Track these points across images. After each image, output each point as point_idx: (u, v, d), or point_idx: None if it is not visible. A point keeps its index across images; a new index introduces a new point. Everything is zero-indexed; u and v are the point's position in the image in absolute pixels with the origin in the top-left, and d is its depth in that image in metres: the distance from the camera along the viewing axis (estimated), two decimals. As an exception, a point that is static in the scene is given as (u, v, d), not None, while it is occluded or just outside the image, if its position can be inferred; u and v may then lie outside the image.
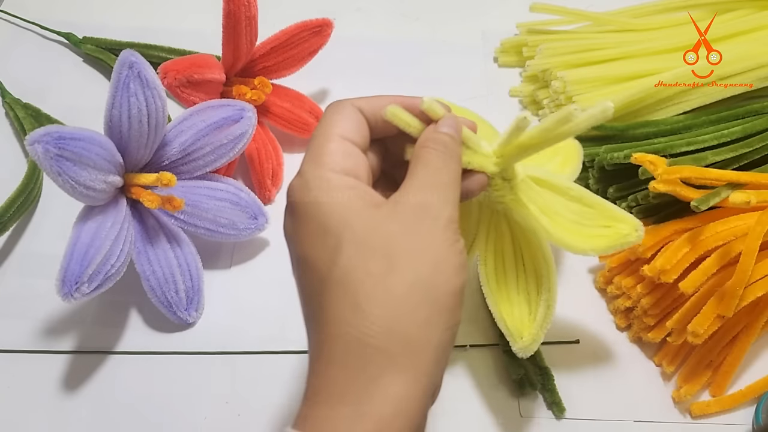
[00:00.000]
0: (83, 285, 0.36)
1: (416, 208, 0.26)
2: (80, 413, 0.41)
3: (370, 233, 0.25)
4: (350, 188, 0.27)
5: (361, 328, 0.24)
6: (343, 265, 0.25)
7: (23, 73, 0.58)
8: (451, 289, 0.25)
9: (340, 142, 0.28)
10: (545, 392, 0.42)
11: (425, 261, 0.25)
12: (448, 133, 0.29)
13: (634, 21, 0.57)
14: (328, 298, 0.25)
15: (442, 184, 0.27)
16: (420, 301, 0.24)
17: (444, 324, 0.25)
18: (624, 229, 0.35)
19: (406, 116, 0.29)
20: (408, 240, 0.25)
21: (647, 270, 0.40)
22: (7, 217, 0.46)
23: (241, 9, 0.45)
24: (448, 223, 0.26)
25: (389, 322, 0.24)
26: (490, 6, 0.66)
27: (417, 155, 0.28)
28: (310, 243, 0.26)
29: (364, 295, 0.24)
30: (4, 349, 0.43)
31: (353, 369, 0.24)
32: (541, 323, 0.36)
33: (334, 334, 0.25)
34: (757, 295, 0.39)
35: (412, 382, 0.24)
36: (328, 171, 0.27)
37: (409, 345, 0.24)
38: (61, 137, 0.35)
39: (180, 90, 0.45)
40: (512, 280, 0.37)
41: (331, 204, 0.26)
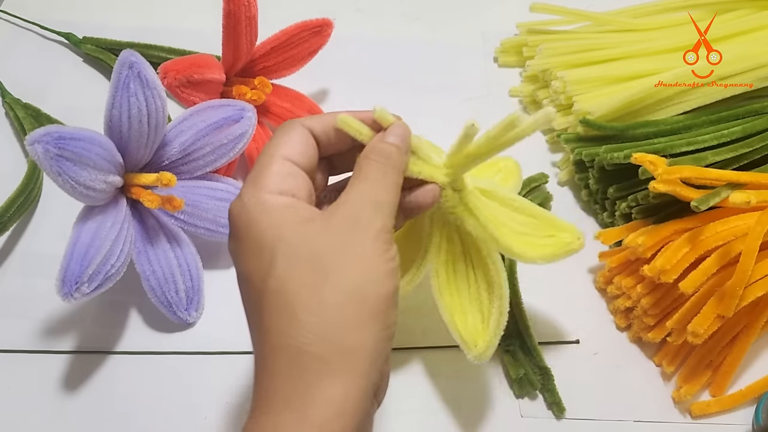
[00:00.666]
0: (83, 285, 0.36)
1: (348, 220, 0.27)
2: (80, 413, 0.41)
3: (302, 246, 0.27)
4: (285, 206, 0.28)
5: (297, 337, 0.25)
6: (278, 277, 0.26)
7: (23, 73, 0.58)
8: (382, 294, 0.26)
9: (282, 163, 0.29)
10: (545, 392, 0.42)
11: (356, 270, 0.26)
12: (393, 143, 0.30)
13: (634, 21, 0.57)
14: (266, 309, 0.26)
15: (377, 196, 0.29)
16: (352, 308, 0.26)
17: (377, 327, 0.26)
18: (566, 237, 0.36)
19: (356, 124, 0.30)
20: (339, 251, 0.27)
21: (647, 270, 0.40)
22: (7, 217, 0.46)
23: (241, 9, 0.45)
24: (378, 233, 0.27)
25: (323, 330, 0.25)
26: (490, 6, 0.66)
27: (358, 166, 0.30)
28: (248, 259, 0.27)
29: (300, 305, 0.26)
30: (4, 349, 0.43)
31: (294, 377, 0.25)
32: (495, 330, 0.36)
33: (274, 344, 0.26)
34: (757, 295, 0.39)
35: (350, 385, 0.25)
36: (265, 193, 0.28)
37: (344, 350, 0.25)
38: (61, 137, 0.35)
39: (180, 90, 0.45)
40: (464, 290, 0.37)
41: (266, 221, 0.27)
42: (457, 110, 0.57)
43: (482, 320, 0.37)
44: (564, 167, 0.53)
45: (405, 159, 0.31)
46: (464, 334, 0.36)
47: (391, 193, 0.29)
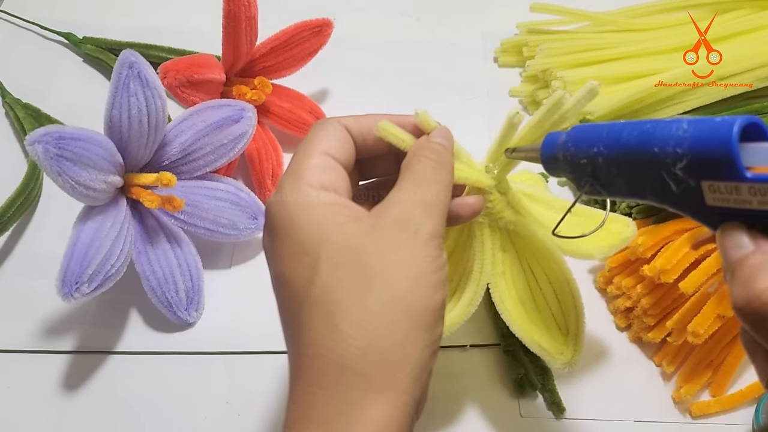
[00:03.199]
0: (83, 285, 0.36)
1: (397, 222, 0.25)
2: (80, 413, 0.41)
3: (347, 250, 0.25)
4: (329, 203, 0.26)
5: (337, 350, 0.24)
6: (320, 285, 0.24)
7: (23, 73, 0.58)
8: (430, 305, 0.25)
9: (321, 157, 0.27)
10: (545, 392, 0.42)
11: (403, 277, 0.24)
12: (440, 143, 0.29)
13: (634, 21, 0.57)
14: (306, 318, 0.25)
15: (428, 196, 0.27)
16: (397, 319, 0.24)
17: (423, 342, 0.24)
18: (617, 227, 0.35)
19: (397, 131, 0.29)
20: (386, 256, 0.25)
21: (647, 270, 0.40)
22: (7, 217, 0.46)
23: (241, 9, 0.45)
24: (429, 238, 0.25)
25: (366, 343, 0.24)
26: (490, 6, 0.66)
27: (407, 164, 0.28)
28: (287, 261, 0.26)
29: (341, 315, 0.24)
30: (4, 349, 0.43)
31: (331, 393, 0.23)
32: (577, 332, 0.34)
33: (311, 356, 0.24)
34: (757, 295, 0.39)
35: (393, 404, 0.23)
36: (306, 186, 0.26)
37: (387, 365, 0.24)
38: (61, 137, 0.35)
39: (180, 90, 0.45)
40: (528, 298, 0.36)
41: (309, 221, 0.25)
42: (457, 110, 0.57)
43: (558, 325, 0.35)
44: (564, 167, 0.53)
45: (452, 161, 0.29)
46: (545, 345, 0.35)
47: (444, 194, 0.27)
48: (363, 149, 0.30)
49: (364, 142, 0.29)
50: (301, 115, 0.53)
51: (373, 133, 0.29)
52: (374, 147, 0.30)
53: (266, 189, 0.50)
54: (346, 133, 0.29)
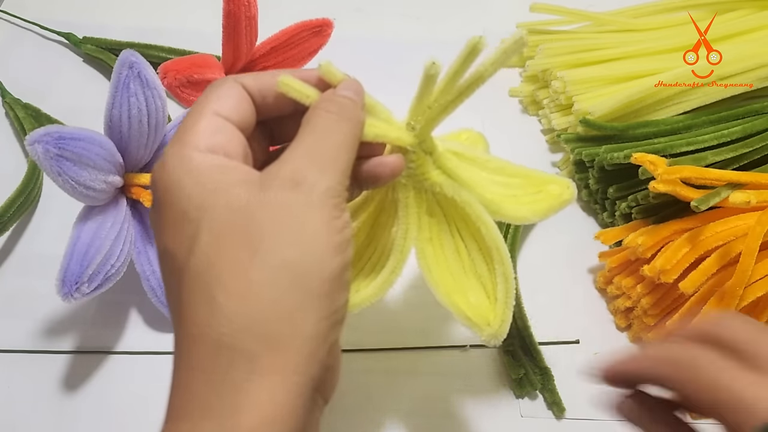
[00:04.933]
0: (83, 285, 0.36)
1: (287, 181, 0.23)
2: (80, 413, 0.41)
3: (231, 215, 0.22)
4: (215, 166, 0.23)
5: (218, 328, 0.21)
6: (199, 254, 0.22)
7: (23, 73, 0.58)
8: (326, 272, 0.22)
9: (211, 118, 0.25)
10: (545, 392, 0.42)
11: (293, 241, 0.22)
12: (345, 95, 0.26)
13: (634, 21, 0.57)
14: (186, 294, 0.22)
15: (325, 150, 0.24)
16: (285, 289, 0.21)
17: (318, 313, 0.22)
18: (555, 189, 0.33)
19: (300, 86, 0.26)
20: (275, 219, 0.22)
21: (647, 270, 0.40)
22: (7, 217, 0.46)
23: (241, 9, 0.45)
24: (324, 197, 0.23)
25: (248, 318, 0.21)
26: (490, 6, 0.66)
27: (305, 120, 0.25)
28: (169, 232, 0.23)
29: (221, 287, 0.21)
30: (4, 349, 0.43)
31: (214, 376, 0.21)
32: (505, 300, 0.32)
33: (191, 336, 0.22)
34: (757, 295, 0.39)
35: (282, 385, 0.21)
36: (191, 149, 0.24)
37: (273, 342, 0.21)
38: (61, 137, 0.35)
39: (180, 90, 0.45)
40: (457, 265, 0.33)
41: (192, 185, 0.23)
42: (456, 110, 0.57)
43: (487, 294, 0.33)
44: (564, 167, 0.53)
45: (361, 115, 0.26)
46: (470, 314, 0.32)
47: (344, 149, 0.25)
48: (265, 109, 0.27)
49: (264, 100, 0.27)
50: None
51: (275, 90, 0.26)
52: (277, 106, 0.27)
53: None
54: (242, 91, 0.26)
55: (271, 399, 0.21)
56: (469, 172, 0.32)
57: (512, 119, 0.57)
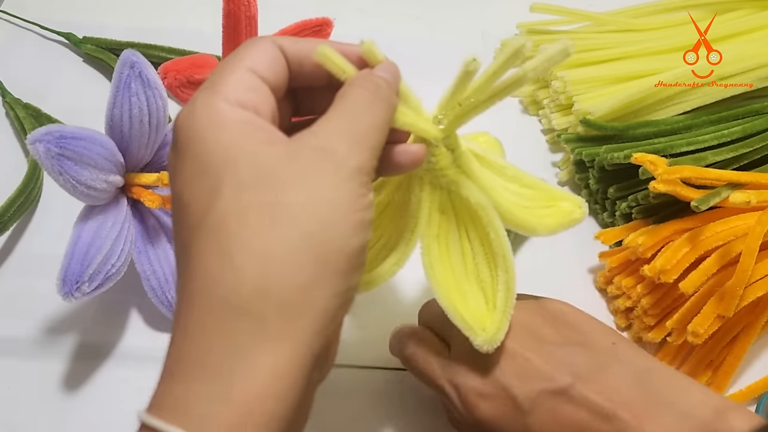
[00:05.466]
0: (84, 284, 0.36)
1: (318, 152, 0.22)
2: (80, 413, 0.41)
3: (256, 176, 0.22)
4: (244, 122, 0.23)
5: (229, 285, 0.20)
6: (220, 211, 0.21)
7: (23, 73, 0.58)
8: (346, 249, 0.22)
9: (245, 74, 0.24)
10: None
11: (317, 213, 0.21)
12: (383, 77, 0.26)
13: (634, 21, 0.57)
14: (197, 247, 0.21)
15: (359, 127, 0.24)
16: (305, 260, 0.21)
17: (332, 288, 0.22)
18: (567, 206, 0.33)
19: (339, 59, 0.26)
20: (300, 188, 0.22)
21: (647, 270, 0.40)
22: (7, 217, 0.46)
23: (241, 9, 0.45)
24: (353, 173, 0.22)
25: (264, 281, 0.20)
26: (490, 6, 0.66)
27: (341, 93, 0.25)
28: (187, 182, 0.23)
29: (238, 246, 0.21)
30: (4, 349, 0.43)
31: (216, 336, 0.20)
32: (504, 309, 0.31)
33: (196, 291, 0.21)
34: (757, 295, 0.39)
35: (288, 355, 0.20)
36: (221, 101, 0.23)
37: (286, 310, 0.21)
38: (62, 136, 0.35)
39: (180, 90, 0.45)
40: (460, 266, 0.33)
41: (217, 139, 0.22)
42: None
43: (486, 300, 0.32)
44: (564, 167, 0.53)
45: (395, 99, 0.26)
46: (467, 318, 0.32)
47: (377, 130, 0.24)
48: (299, 76, 0.26)
49: (300, 67, 0.26)
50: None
51: (312, 58, 0.25)
52: (312, 75, 0.26)
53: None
54: (279, 53, 0.25)
55: (273, 369, 0.20)
56: (486, 176, 0.32)
57: (512, 119, 0.57)
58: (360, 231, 0.23)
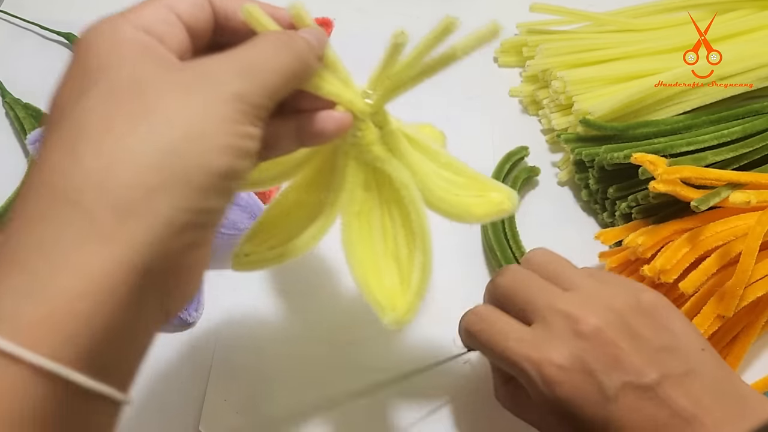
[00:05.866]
0: (83, 285, 0.36)
1: (200, 73, 0.22)
2: (80, 413, 0.41)
3: (130, 83, 0.21)
4: (138, 42, 0.23)
5: (68, 179, 0.20)
6: (84, 107, 0.21)
7: (23, 73, 0.58)
8: (208, 166, 0.21)
9: (161, 8, 0.24)
10: None
11: (182, 125, 0.21)
12: (305, 38, 0.25)
13: (634, 21, 0.57)
14: (52, 141, 0.21)
15: (255, 64, 0.23)
16: (157, 164, 0.20)
17: (182, 200, 0.21)
18: (497, 197, 0.33)
19: (264, 18, 0.26)
20: (171, 99, 0.21)
21: (647, 270, 0.40)
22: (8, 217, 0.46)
23: (241, 9, 0.45)
24: (231, 98, 0.22)
25: (105, 177, 0.20)
26: (490, 6, 0.66)
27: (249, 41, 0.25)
28: (63, 83, 0.23)
29: (91, 141, 0.20)
30: (4, 349, 0.43)
31: (45, 230, 0.19)
32: (417, 290, 0.31)
33: (38, 183, 0.20)
34: (757, 295, 0.39)
35: (116, 257, 0.19)
36: (124, 22, 0.23)
37: (123, 210, 0.19)
38: (61, 137, 0.35)
39: (180, 90, 0.45)
40: (379, 244, 0.32)
41: (108, 51, 0.22)
42: (456, 110, 0.57)
43: (401, 280, 0.32)
44: (564, 167, 0.53)
45: (311, 59, 0.26)
46: (379, 296, 0.31)
47: (277, 73, 0.23)
48: (223, 29, 0.26)
49: (226, 21, 0.26)
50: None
51: (239, 15, 0.26)
52: (238, 33, 0.26)
53: (266, 189, 0.50)
54: (205, 1, 0.25)
55: (91, 269, 0.19)
56: (415, 158, 0.32)
57: (512, 119, 0.57)
58: (229, 155, 0.22)
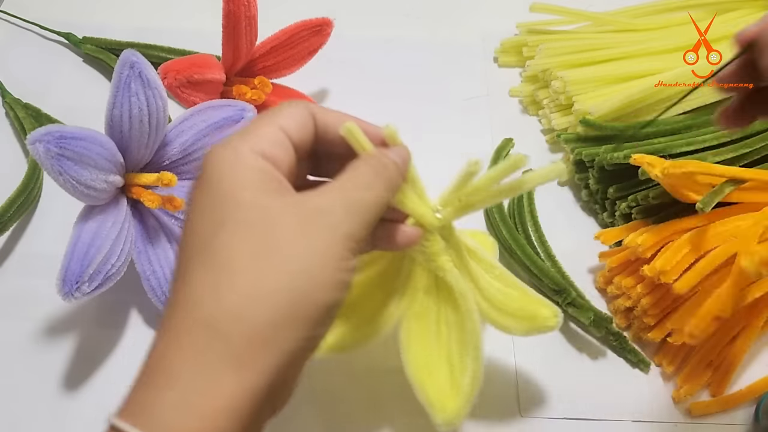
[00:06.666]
0: (84, 284, 0.36)
1: (317, 211, 0.25)
2: (80, 413, 0.41)
3: (259, 219, 0.24)
4: (260, 170, 0.26)
5: (210, 309, 0.23)
6: (221, 242, 0.24)
7: (23, 73, 0.58)
8: (320, 301, 0.24)
9: (275, 130, 0.27)
10: (626, 353, 0.43)
11: (303, 264, 0.24)
12: (394, 160, 0.29)
13: (634, 21, 0.58)
14: (194, 270, 0.24)
15: (358, 199, 0.26)
16: (282, 301, 0.23)
17: (300, 333, 0.24)
18: (545, 313, 0.35)
19: (361, 137, 0.29)
20: (295, 238, 0.24)
21: (647, 270, 0.40)
22: (7, 217, 0.46)
23: (241, 9, 0.45)
24: (343, 238, 0.25)
25: (242, 311, 0.23)
26: (490, 6, 0.66)
27: (351, 166, 0.28)
28: (200, 210, 0.25)
29: (228, 277, 0.23)
30: (4, 349, 0.43)
31: (190, 351, 0.23)
32: (467, 395, 0.33)
33: (184, 309, 0.23)
34: (756, 295, 0.39)
35: (247, 381, 0.23)
36: (247, 148, 0.26)
37: (255, 339, 0.23)
38: (62, 136, 0.35)
39: (180, 90, 0.45)
40: (434, 346, 0.35)
41: (234, 179, 0.25)
42: (457, 110, 0.57)
43: (451, 384, 0.34)
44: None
45: (400, 182, 0.29)
46: (431, 395, 0.33)
47: (374, 205, 0.27)
48: (323, 142, 0.29)
49: (325, 135, 0.29)
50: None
51: (338, 130, 0.29)
52: (335, 143, 0.29)
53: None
54: (309, 118, 0.28)
55: (232, 390, 0.22)
56: (474, 270, 0.34)
57: (512, 119, 0.57)
58: (338, 289, 0.25)
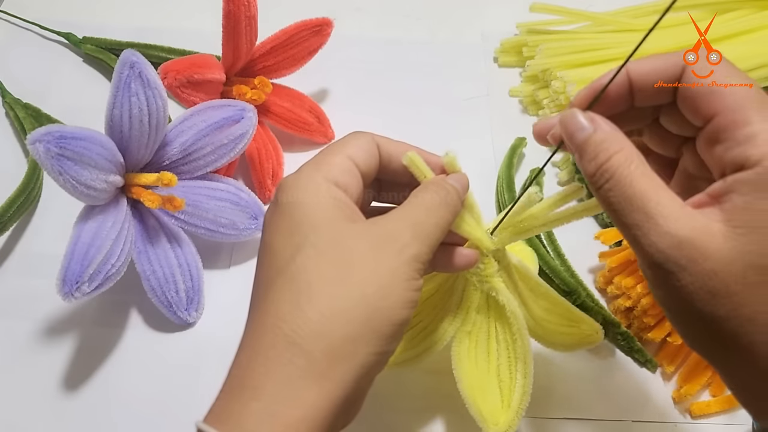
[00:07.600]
0: (84, 284, 0.36)
1: (387, 235, 0.27)
2: (80, 413, 0.41)
3: (334, 243, 0.27)
4: (334, 198, 0.28)
5: (292, 326, 0.25)
6: (300, 263, 0.26)
7: (23, 73, 0.58)
8: (392, 318, 0.26)
9: (345, 159, 0.29)
10: (633, 353, 0.42)
11: (376, 284, 0.26)
12: (454, 186, 0.30)
13: (634, 21, 0.58)
14: (275, 289, 0.26)
15: (423, 224, 0.28)
16: (358, 318, 0.25)
17: (374, 348, 0.26)
18: (587, 329, 0.37)
19: (422, 165, 0.31)
20: (367, 261, 0.26)
21: (647, 270, 0.40)
22: (7, 217, 0.46)
23: (241, 9, 0.45)
24: (411, 260, 0.27)
25: (321, 328, 0.25)
26: (490, 6, 0.66)
27: (416, 192, 0.30)
28: (279, 233, 0.28)
29: (308, 296, 0.25)
30: (4, 349, 0.43)
31: (274, 365, 0.25)
32: (517, 409, 0.35)
33: (267, 325, 0.26)
34: (757, 294, 0.39)
35: (325, 394, 0.25)
36: (321, 177, 0.28)
37: (333, 354, 0.25)
38: (62, 136, 0.35)
39: (180, 90, 0.45)
40: (484, 363, 0.37)
41: (310, 206, 0.27)
42: (457, 110, 0.57)
43: (501, 398, 0.36)
44: (564, 167, 0.53)
45: (459, 206, 0.31)
46: (483, 410, 0.35)
47: (438, 228, 0.29)
48: (386, 170, 0.32)
49: (389, 163, 0.31)
50: (301, 114, 0.53)
51: (400, 159, 0.31)
52: (397, 172, 0.32)
53: (266, 189, 0.50)
54: (375, 148, 0.31)
55: (313, 401, 0.24)
56: (522, 290, 0.36)
57: (512, 119, 0.57)
58: (407, 307, 0.27)
